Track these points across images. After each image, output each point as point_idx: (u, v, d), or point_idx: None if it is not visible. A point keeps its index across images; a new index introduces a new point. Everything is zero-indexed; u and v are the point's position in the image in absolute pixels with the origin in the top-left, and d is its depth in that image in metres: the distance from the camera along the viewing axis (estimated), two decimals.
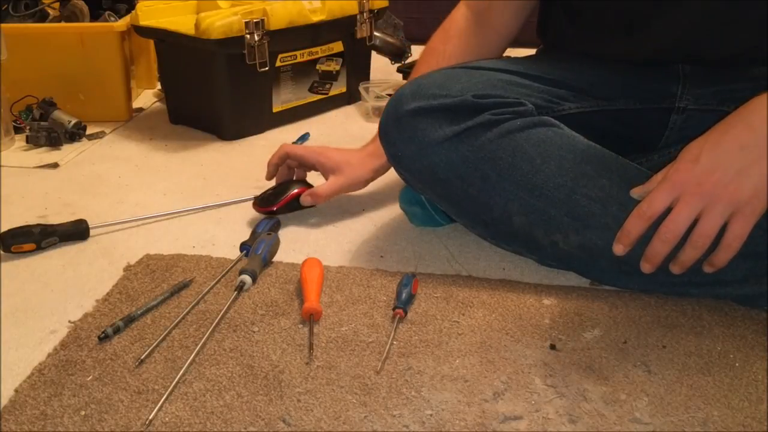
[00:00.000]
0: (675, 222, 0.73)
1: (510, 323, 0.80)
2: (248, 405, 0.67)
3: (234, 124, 1.43)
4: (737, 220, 0.71)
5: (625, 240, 0.77)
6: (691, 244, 0.73)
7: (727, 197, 0.70)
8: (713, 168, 0.71)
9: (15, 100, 1.42)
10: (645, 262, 0.77)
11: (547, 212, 0.83)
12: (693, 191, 0.72)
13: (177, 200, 1.14)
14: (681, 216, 0.72)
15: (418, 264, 0.94)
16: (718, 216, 0.71)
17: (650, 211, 0.74)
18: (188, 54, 1.41)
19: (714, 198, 0.71)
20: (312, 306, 0.79)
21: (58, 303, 0.85)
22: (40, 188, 1.20)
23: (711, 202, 0.71)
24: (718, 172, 0.71)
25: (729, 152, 0.71)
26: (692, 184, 0.72)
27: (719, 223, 0.72)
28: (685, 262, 0.75)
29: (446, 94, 0.87)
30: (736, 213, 0.71)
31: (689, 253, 0.74)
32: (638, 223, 0.75)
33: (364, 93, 1.61)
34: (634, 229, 0.76)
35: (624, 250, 0.77)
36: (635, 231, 0.76)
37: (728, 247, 0.72)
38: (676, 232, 0.73)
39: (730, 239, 0.72)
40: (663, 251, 0.75)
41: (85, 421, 0.65)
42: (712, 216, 0.71)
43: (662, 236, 0.74)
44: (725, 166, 0.71)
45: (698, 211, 0.72)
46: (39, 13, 1.55)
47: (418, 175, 0.90)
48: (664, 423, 0.65)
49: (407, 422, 0.65)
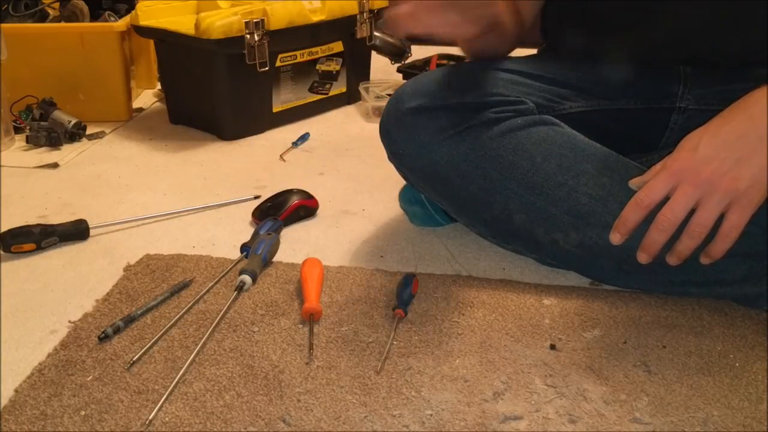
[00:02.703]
0: (672, 210, 0.72)
1: (510, 323, 0.80)
2: (248, 405, 0.67)
3: (234, 124, 1.43)
4: (735, 210, 0.71)
5: (621, 229, 0.76)
6: (688, 234, 0.73)
7: (725, 186, 0.70)
8: (712, 157, 0.71)
9: (15, 100, 1.43)
10: (642, 251, 0.76)
11: (548, 210, 0.83)
12: (691, 180, 0.71)
13: (177, 200, 1.14)
14: (679, 204, 0.72)
15: (418, 264, 0.94)
16: (716, 205, 0.71)
17: (648, 200, 0.74)
18: (188, 54, 1.41)
19: (712, 187, 0.70)
20: (312, 306, 0.79)
21: (58, 303, 0.85)
22: (40, 188, 1.20)
23: (709, 192, 0.71)
24: (716, 161, 0.70)
25: (728, 142, 0.71)
26: (690, 173, 0.71)
27: (717, 212, 0.71)
28: (682, 252, 0.74)
29: (447, 92, 0.87)
30: (733, 203, 0.71)
31: (686, 242, 0.73)
32: (635, 211, 0.75)
33: (364, 93, 1.61)
34: (631, 218, 0.75)
35: (620, 239, 0.77)
36: (632, 220, 0.75)
37: (725, 237, 0.72)
38: (673, 221, 0.72)
39: (728, 229, 0.71)
40: (660, 240, 0.74)
41: (85, 421, 0.65)
42: (709, 205, 0.71)
43: (659, 225, 0.73)
44: (724, 155, 0.70)
45: (696, 200, 0.71)
46: (39, 13, 1.55)
47: (419, 174, 0.90)
48: (664, 423, 0.65)
49: (407, 422, 0.65)
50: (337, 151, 1.37)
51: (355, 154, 1.35)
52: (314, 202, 1.08)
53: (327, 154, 1.35)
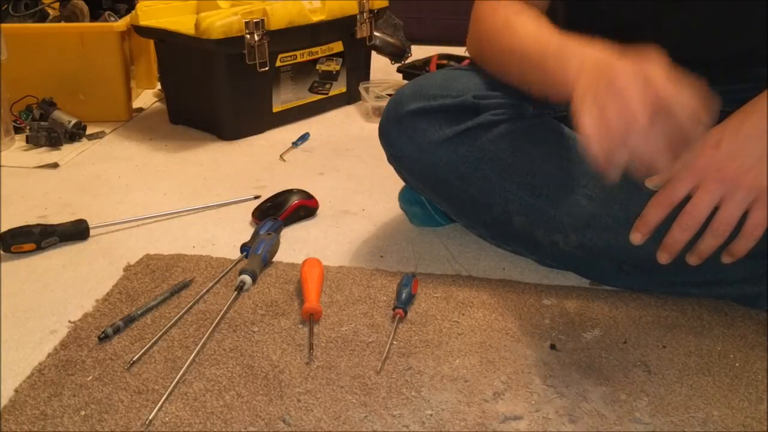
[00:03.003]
0: (697, 208, 0.70)
1: (510, 323, 0.80)
2: (248, 405, 0.67)
3: (234, 124, 1.43)
4: (758, 207, 0.69)
5: (643, 228, 0.74)
6: (712, 232, 0.71)
7: (749, 183, 0.69)
8: (734, 154, 0.69)
9: (15, 100, 1.43)
10: (663, 251, 0.74)
11: (548, 212, 0.83)
12: (714, 177, 0.70)
13: (177, 200, 1.14)
14: (702, 202, 0.70)
15: (418, 264, 0.94)
16: (740, 203, 0.69)
17: (671, 198, 0.72)
18: (188, 54, 1.41)
19: (735, 184, 0.69)
20: (312, 306, 0.79)
21: (58, 303, 0.85)
22: (40, 188, 1.20)
23: (732, 189, 0.69)
24: (739, 158, 0.69)
25: (750, 138, 0.70)
26: (713, 170, 0.70)
27: (741, 210, 0.70)
28: (704, 251, 0.73)
29: (446, 94, 0.87)
30: (757, 200, 0.69)
31: (709, 241, 0.72)
32: (658, 211, 0.73)
33: (364, 93, 1.61)
34: (653, 217, 0.73)
35: (641, 239, 0.75)
36: (654, 219, 0.73)
37: (749, 235, 0.70)
38: (698, 218, 0.71)
39: (752, 227, 0.70)
40: (683, 239, 0.72)
41: (85, 421, 0.65)
42: (733, 203, 0.70)
43: (683, 224, 0.71)
44: (746, 152, 0.69)
45: (719, 198, 0.70)
46: (39, 13, 1.55)
47: (418, 176, 0.90)
48: (664, 423, 0.65)
49: (407, 422, 0.65)
50: (337, 151, 1.37)
51: (355, 154, 1.35)
52: (314, 202, 1.09)
53: (327, 154, 1.35)
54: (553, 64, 0.76)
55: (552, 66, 0.76)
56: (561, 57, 0.76)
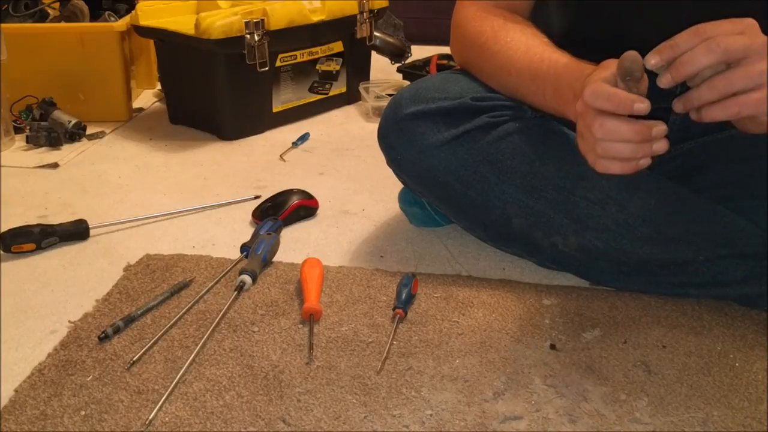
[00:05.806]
0: (742, 78, 0.64)
1: (510, 323, 0.80)
2: (248, 405, 0.67)
3: (234, 124, 1.43)
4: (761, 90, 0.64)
5: (668, 52, 0.67)
6: (710, 85, 0.66)
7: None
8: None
9: (15, 100, 1.43)
10: (679, 101, 0.70)
11: (547, 214, 0.83)
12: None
13: (177, 200, 1.14)
14: (755, 70, 0.64)
15: (418, 264, 0.94)
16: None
17: (722, 47, 0.65)
18: (188, 54, 1.41)
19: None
20: (312, 306, 0.79)
21: (58, 303, 0.85)
22: (40, 188, 1.20)
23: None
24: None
25: None
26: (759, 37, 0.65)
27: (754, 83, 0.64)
28: (692, 102, 0.69)
29: (445, 97, 0.87)
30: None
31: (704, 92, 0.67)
32: (702, 52, 0.65)
33: (364, 93, 1.61)
34: (684, 48, 0.66)
35: (658, 64, 0.68)
36: (684, 51, 0.66)
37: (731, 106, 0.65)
38: (736, 87, 0.65)
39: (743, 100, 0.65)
40: (707, 99, 0.67)
41: (85, 421, 0.65)
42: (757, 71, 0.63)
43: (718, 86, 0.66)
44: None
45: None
46: (39, 13, 1.55)
47: (417, 179, 0.90)
48: (664, 423, 0.65)
49: (407, 422, 0.65)
50: (337, 151, 1.37)
51: (355, 154, 1.35)
52: (314, 202, 1.09)
53: (327, 154, 1.35)
54: (550, 90, 0.78)
55: (549, 92, 0.78)
56: (557, 87, 0.77)
